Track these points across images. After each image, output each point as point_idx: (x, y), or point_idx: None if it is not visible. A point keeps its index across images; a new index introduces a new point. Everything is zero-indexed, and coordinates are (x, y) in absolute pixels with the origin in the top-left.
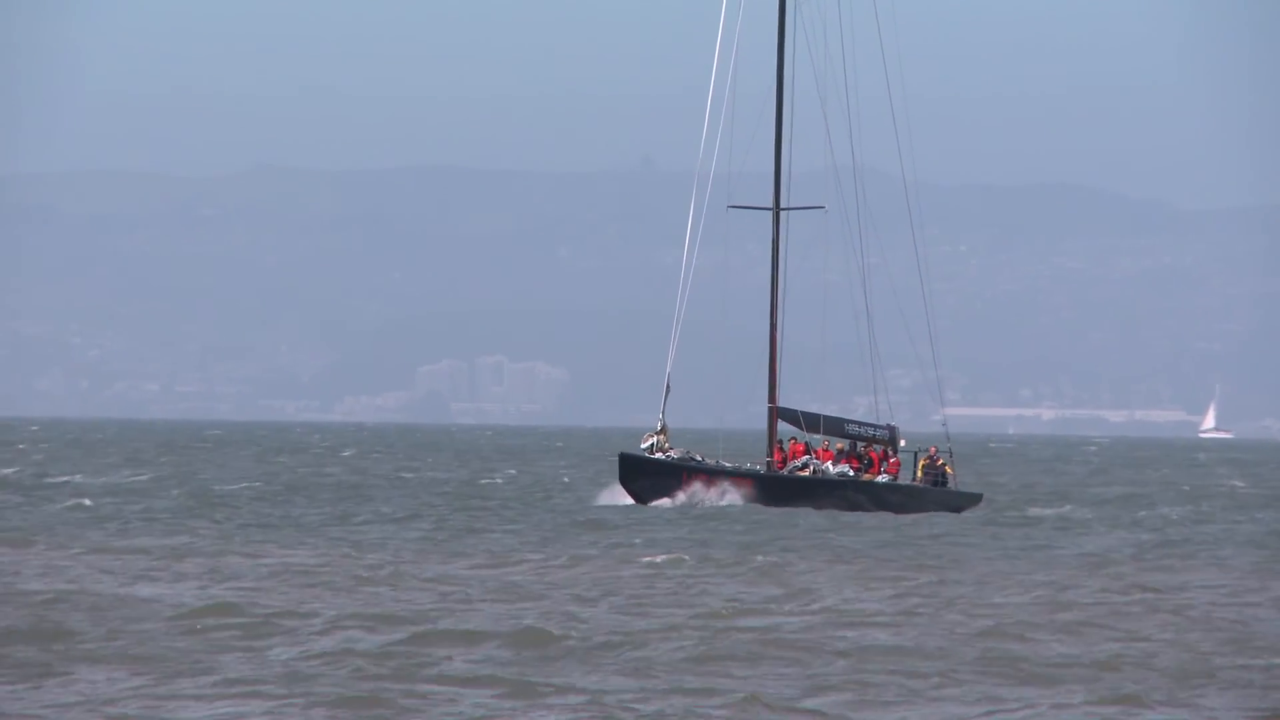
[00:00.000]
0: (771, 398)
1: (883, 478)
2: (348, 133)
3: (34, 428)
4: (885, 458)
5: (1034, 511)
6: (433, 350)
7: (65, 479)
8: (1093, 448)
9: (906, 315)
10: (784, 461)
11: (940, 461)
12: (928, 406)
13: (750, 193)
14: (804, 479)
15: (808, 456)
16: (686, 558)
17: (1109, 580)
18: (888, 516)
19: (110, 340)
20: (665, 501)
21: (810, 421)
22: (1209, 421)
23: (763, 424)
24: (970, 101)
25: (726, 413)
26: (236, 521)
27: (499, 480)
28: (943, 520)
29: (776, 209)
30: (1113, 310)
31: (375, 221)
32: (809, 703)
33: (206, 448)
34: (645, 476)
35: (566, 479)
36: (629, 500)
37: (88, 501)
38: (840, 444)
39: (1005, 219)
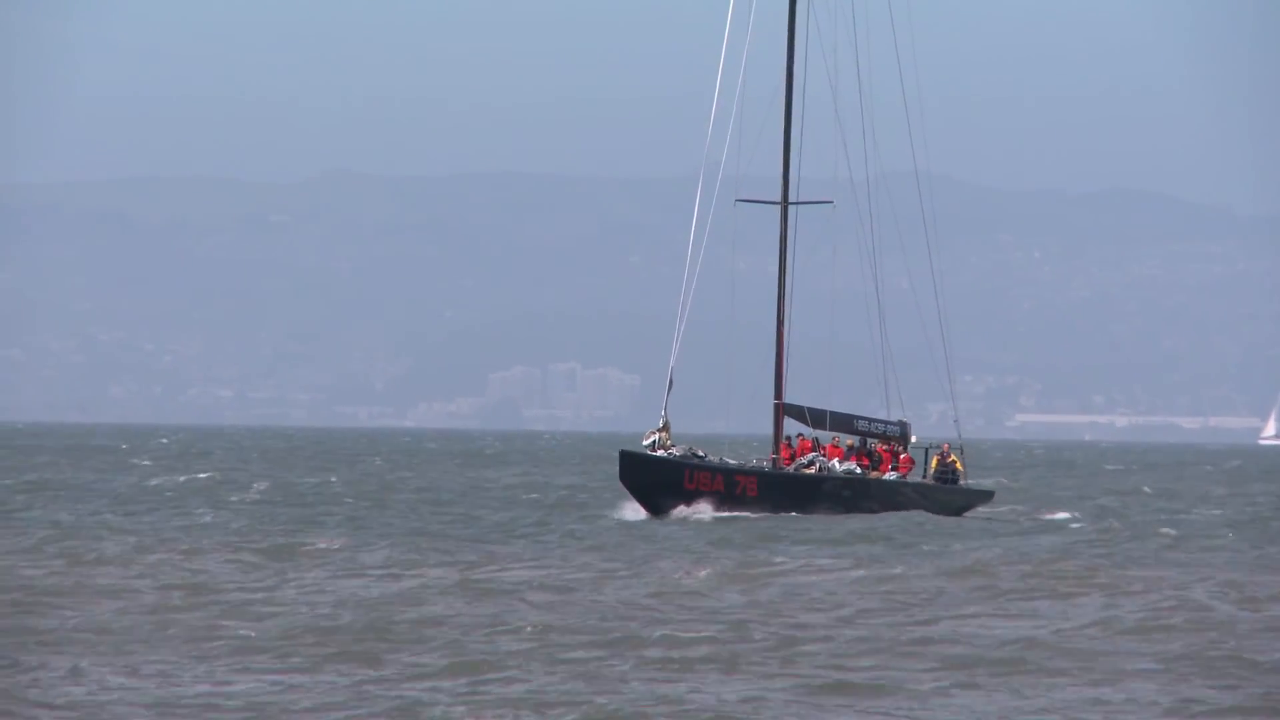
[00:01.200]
0: (777, 394)
1: (892, 475)
2: (420, 139)
3: (164, 439)
4: (896, 454)
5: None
6: (505, 357)
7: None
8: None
9: (980, 321)
10: (791, 459)
11: (951, 458)
12: (1001, 412)
13: (768, 192)
14: (804, 477)
15: (814, 454)
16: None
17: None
18: (895, 515)
19: (183, 346)
20: (681, 508)
21: (816, 418)
22: (1270, 429)
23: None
24: (1040, 105)
25: (755, 414)
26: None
27: None
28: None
29: (785, 203)
30: (1185, 317)
31: (447, 228)
32: None
33: (368, 454)
34: (647, 475)
35: None
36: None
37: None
38: (850, 440)
39: (1077, 225)
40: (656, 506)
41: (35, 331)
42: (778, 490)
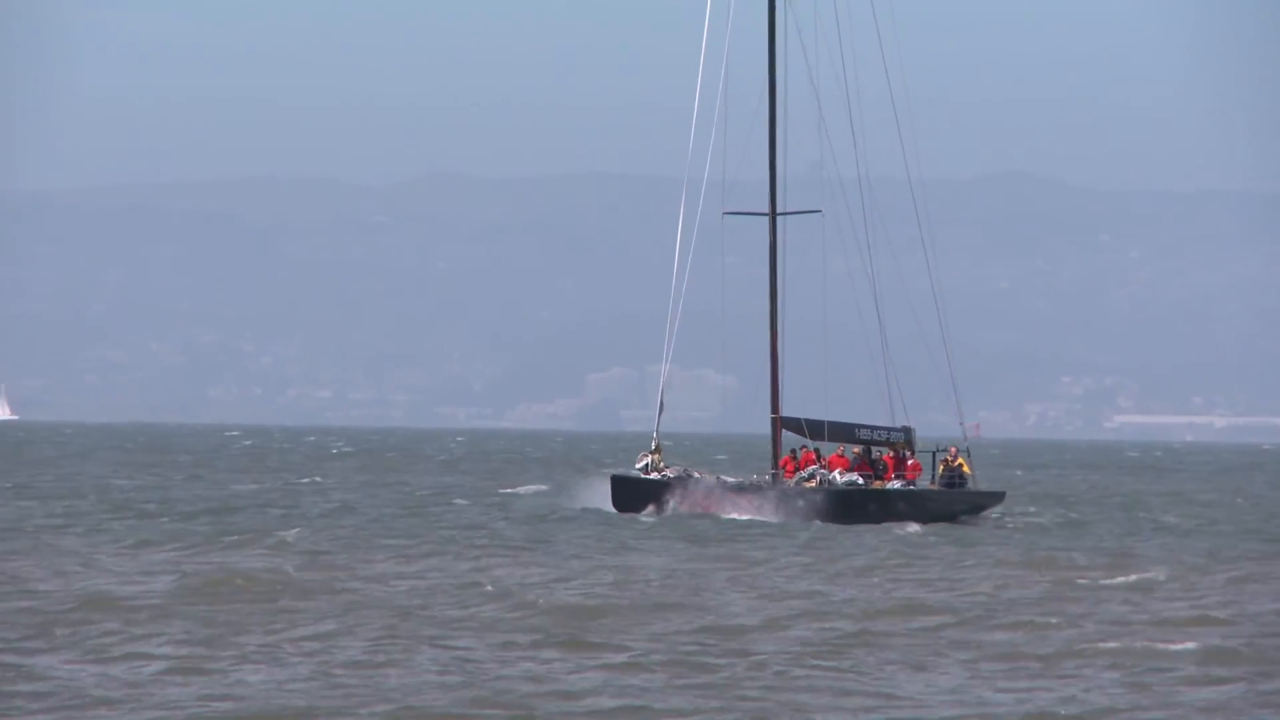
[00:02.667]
0: (774, 408)
1: (896, 483)
2: (519, 140)
3: (336, 447)
4: (902, 461)
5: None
6: (602, 358)
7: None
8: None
9: (1078, 322)
10: (794, 472)
11: (959, 461)
12: (1100, 413)
13: (759, 201)
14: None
15: (815, 466)
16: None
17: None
18: (894, 525)
19: (283, 347)
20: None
21: (814, 429)
22: None
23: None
24: (1135, 106)
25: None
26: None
27: None
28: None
29: (773, 214)
30: None
31: (546, 229)
32: None
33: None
34: (641, 498)
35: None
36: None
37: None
38: (856, 449)
39: (1176, 225)
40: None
41: (136, 332)
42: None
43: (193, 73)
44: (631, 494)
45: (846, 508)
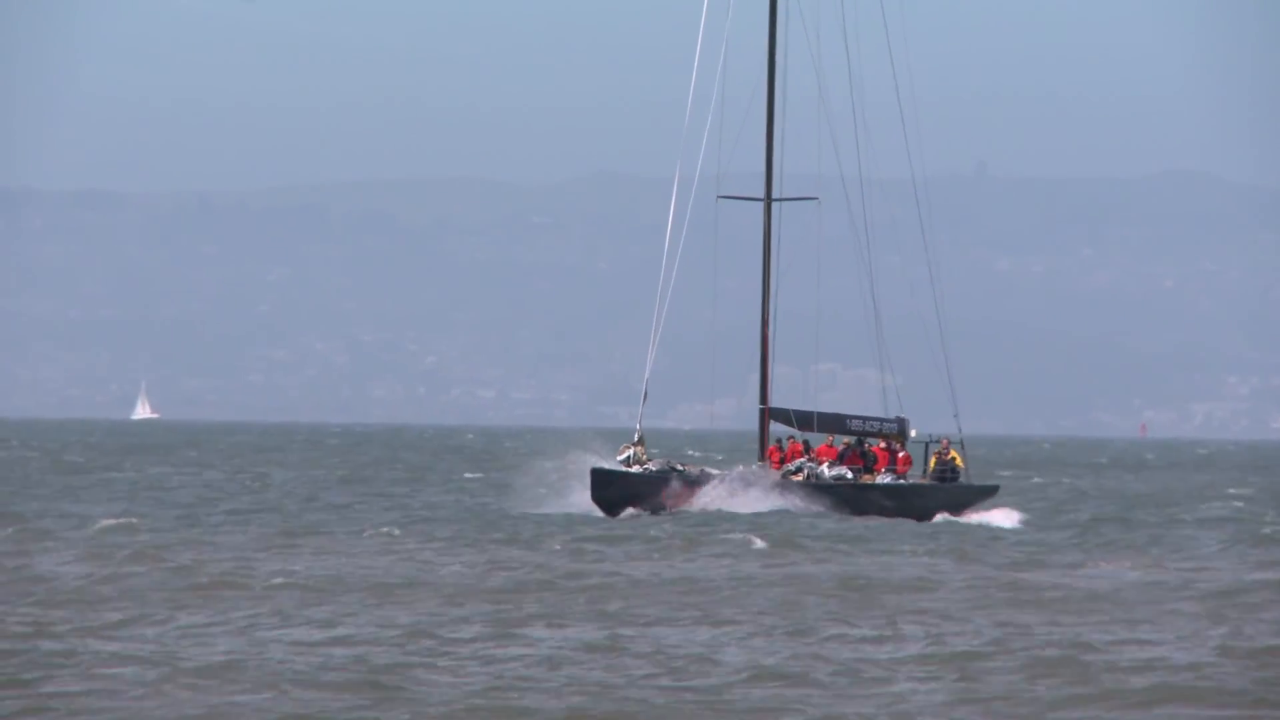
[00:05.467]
0: (763, 398)
1: (886, 476)
2: (677, 141)
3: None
4: (894, 453)
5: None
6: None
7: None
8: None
9: (1246, 322)
10: (781, 463)
11: (951, 454)
12: (1267, 413)
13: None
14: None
15: (803, 459)
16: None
17: None
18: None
19: (446, 347)
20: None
21: (803, 420)
22: None
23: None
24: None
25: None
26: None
27: None
28: None
29: (768, 199)
30: None
31: (708, 227)
32: None
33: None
34: (622, 491)
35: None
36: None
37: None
38: (846, 440)
39: None
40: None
41: (301, 332)
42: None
43: (352, 74)
44: (613, 489)
45: (828, 501)
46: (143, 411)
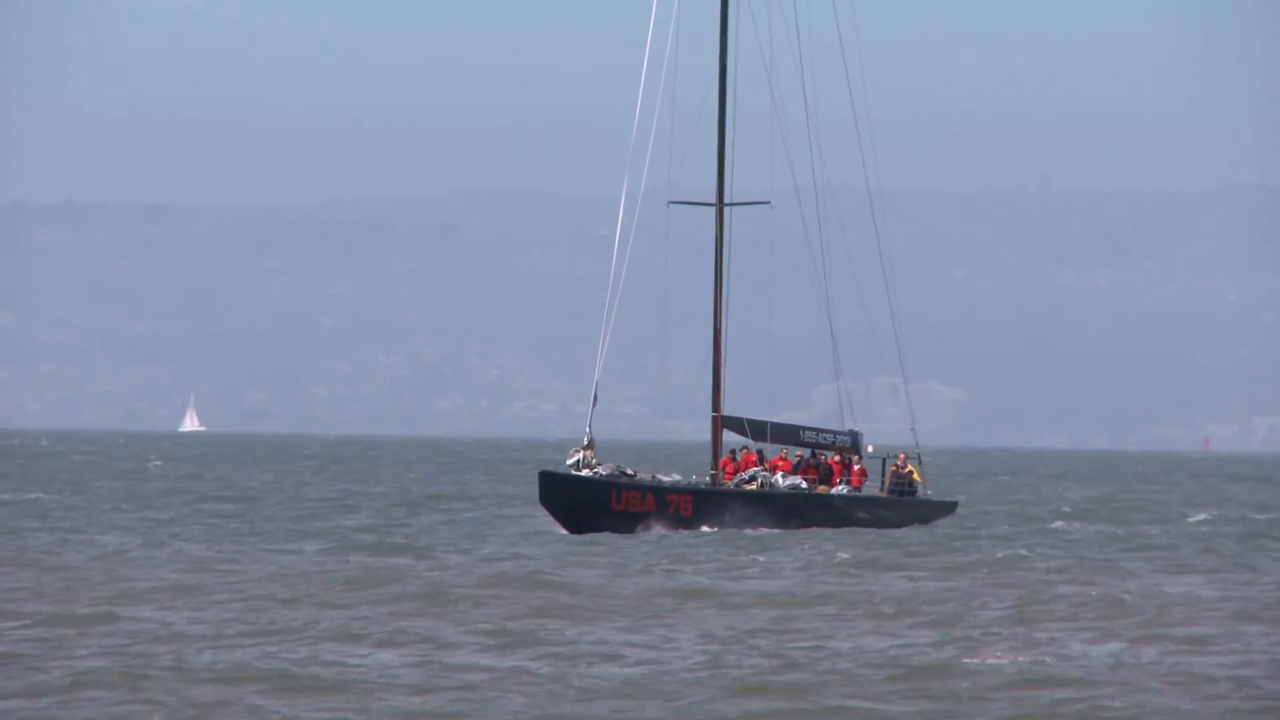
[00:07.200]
0: (715, 406)
1: (841, 488)
2: (742, 156)
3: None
4: (848, 466)
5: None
6: (828, 371)
7: None
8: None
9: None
10: (734, 473)
11: (908, 469)
12: None
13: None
14: (741, 493)
15: (758, 468)
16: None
17: None
18: (848, 531)
19: (509, 360)
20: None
21: (756, 430)
22: None
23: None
24: None
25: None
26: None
27: None
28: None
29: (720, 204)
30: None
31: (768, 242)
32: None
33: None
34: (571, 495)
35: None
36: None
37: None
38: (800, 452)
39: None
40: (580, 529)
41: (364, 345)
42: (712, 508)
43: (419, 88)
44: (562, 491)
45: (779, 514)
46: (190, 424)
